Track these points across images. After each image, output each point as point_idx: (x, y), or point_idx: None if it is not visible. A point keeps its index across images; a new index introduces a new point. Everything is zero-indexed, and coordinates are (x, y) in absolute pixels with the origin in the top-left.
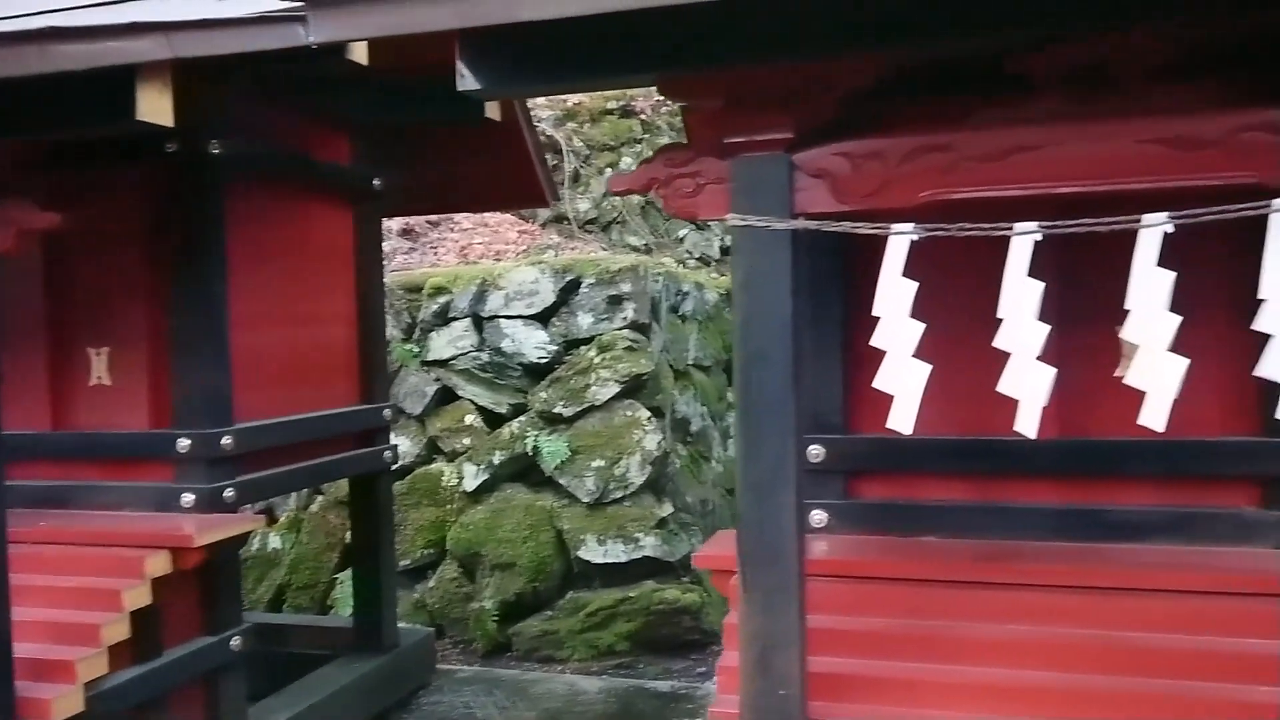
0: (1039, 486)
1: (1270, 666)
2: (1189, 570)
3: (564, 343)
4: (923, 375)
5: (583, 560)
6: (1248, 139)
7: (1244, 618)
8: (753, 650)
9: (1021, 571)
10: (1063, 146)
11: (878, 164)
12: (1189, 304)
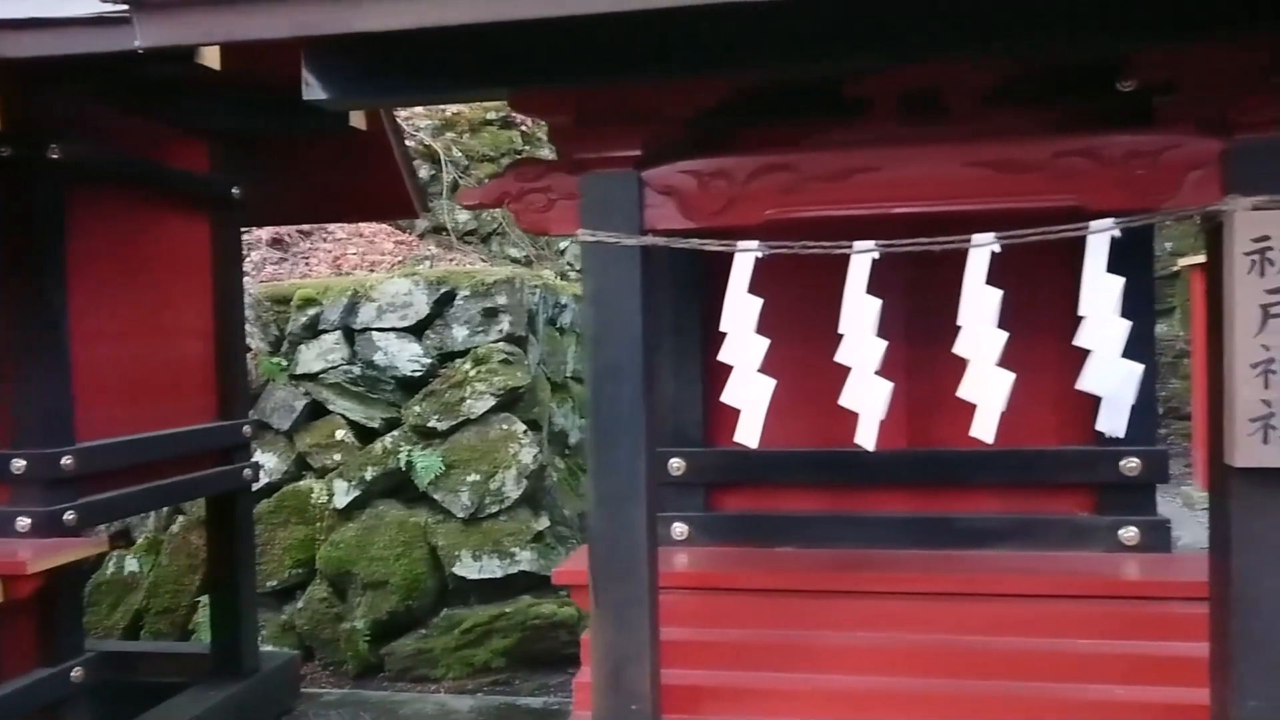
0: (891, 496)
1: (1108, 665)
2: (1030, 575)
3: (438, 356)
4: (768, 390)
5: (458, 576)
6: (1068, 163)
7: (1082, 619)
8: (605, 665)
9: (874, 580)
10: (897, 168)
11: (724, 182)
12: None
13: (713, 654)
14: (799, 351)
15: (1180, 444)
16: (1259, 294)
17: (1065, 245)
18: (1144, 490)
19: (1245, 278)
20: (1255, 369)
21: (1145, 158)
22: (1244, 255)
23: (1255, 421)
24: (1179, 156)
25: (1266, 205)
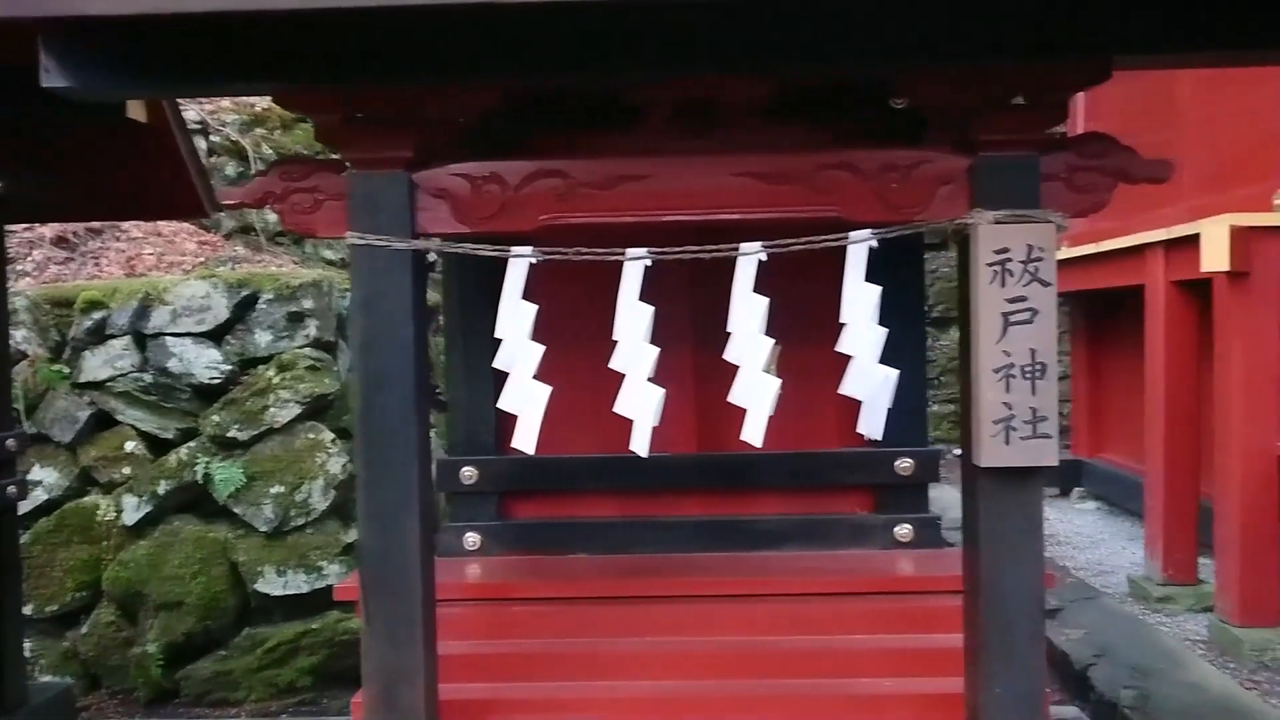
0: (682, 501)
1: (881, 659)
2: (813, 574)
3: (239, 362)
4: (543, 396)
5: (261, 594)
6: (829, 176)
7: (859, 615)
8: (377, 684)
9: (665, 584)
10: (669, 177)
11: (497, 187)
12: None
13: (501, 666)
14: (592, 357)
15: None
16: (1000, 303)
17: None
18: (917, 489)
19: (988, 287)
20: (998, 374)
21: (899, 172)
22: (987, 266)
23: (998, 424)
24: (930, 172)
25: (1007, 219)
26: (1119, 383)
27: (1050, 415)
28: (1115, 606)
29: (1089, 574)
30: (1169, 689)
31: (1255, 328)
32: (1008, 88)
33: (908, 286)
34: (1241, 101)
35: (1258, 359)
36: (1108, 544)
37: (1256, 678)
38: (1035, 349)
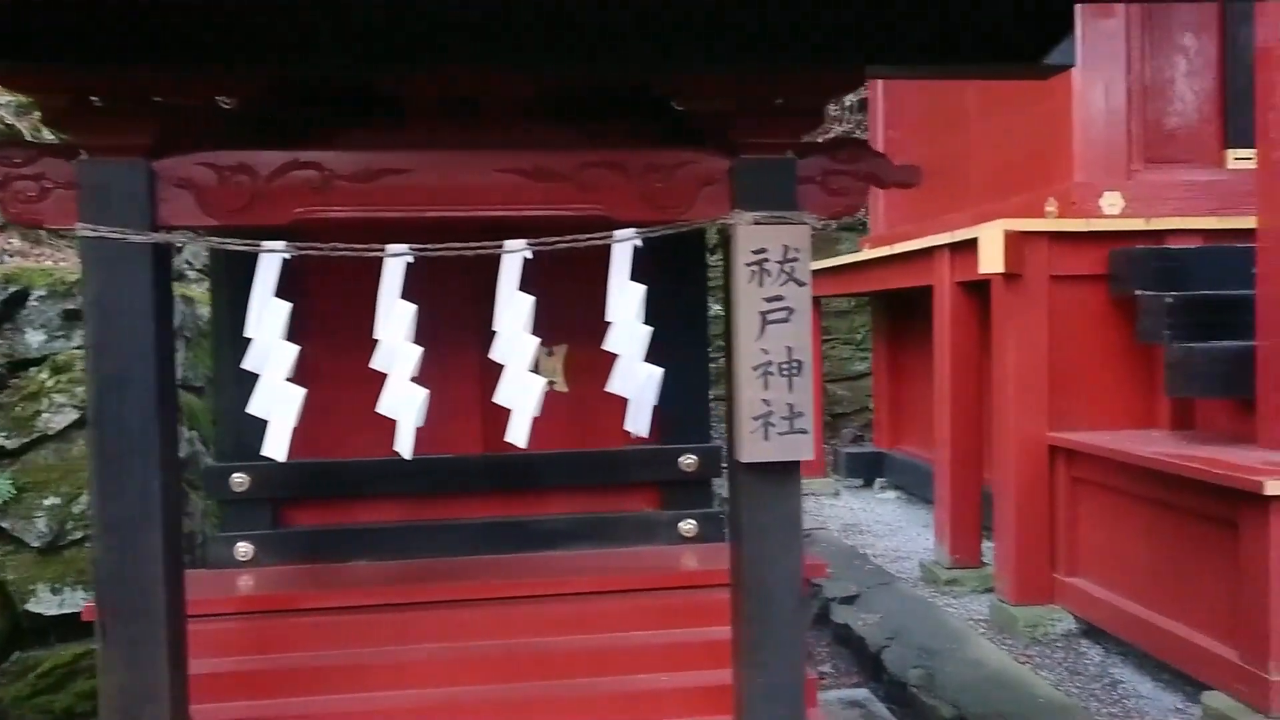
0: (469, 503)
1: (676, 653)
2: (601, 572)
3: (7, 364)
4: (297, 400)
5: (33, 614)
6: (594, 175)
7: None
8: (115, 709)
9: (449, 589)
10: (432, 172)
11: (247, 178)
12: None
13: (269, 682)
14: (369, 358)
15: None
16: (759, 302)
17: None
18: (701, 485)
19: (747, 287)
20: (756, 371)
21: (663, 172)
22: (745, 266)
23: (757, 420)
24: (693, 173)
25: (765, 220)
26: (915, 378)
27: (806, 411)
28: (909, 590)
29: (887, 560)
30: (952, 667)
31: (1027, 325)
32: (766, 92)
33: (690, 285)
34: (1019, 114)
35: (1030, 355)
36: (905, 531)
37: (1029, 652)
38: (792, 347)
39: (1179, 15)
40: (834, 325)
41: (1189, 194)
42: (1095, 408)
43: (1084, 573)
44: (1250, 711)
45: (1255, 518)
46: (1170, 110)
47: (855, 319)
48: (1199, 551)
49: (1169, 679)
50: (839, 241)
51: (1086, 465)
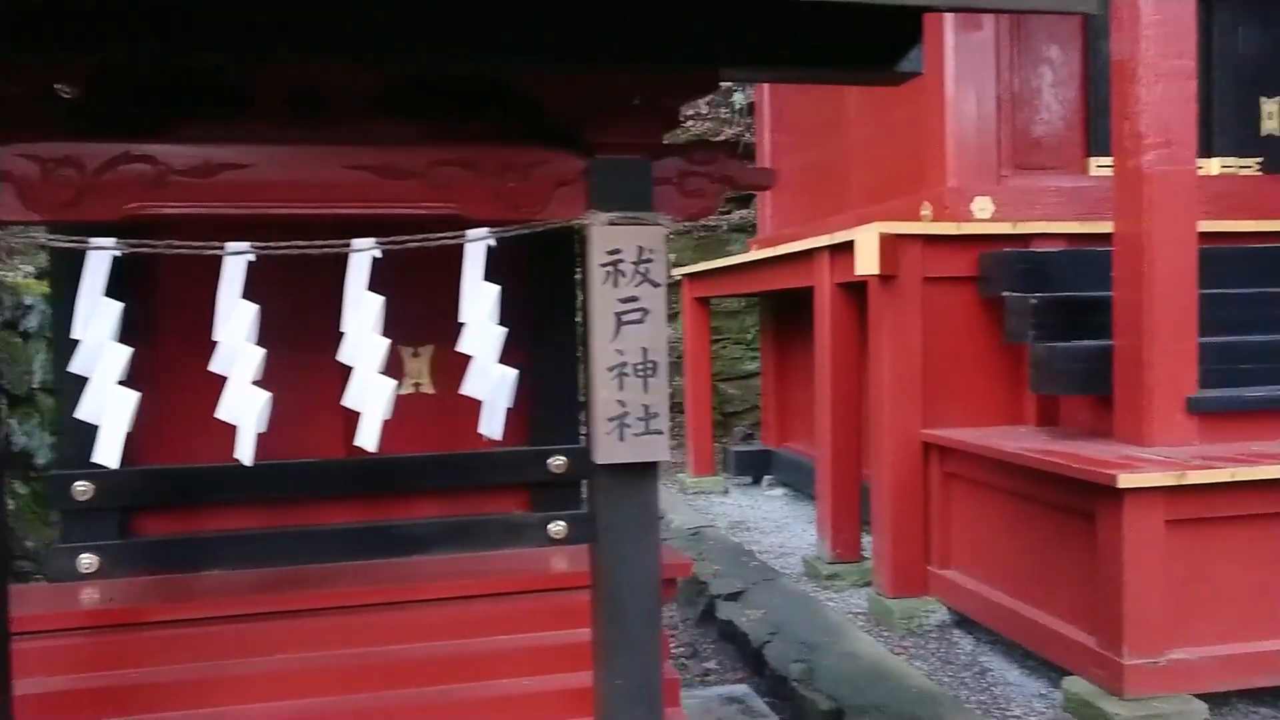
0: (331, 508)
1: (552, 656)
2: (467, 577)
3: None
4: (130, 404)
5: None
6: (446, 173)
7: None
8: None
9: (309, 597)
10: (276, 168)
11: (73, 171)
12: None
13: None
14: None
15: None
16: (613, 303)
17: (494, 254)
18: (570, 486)
19: (602, 288)
20: (612, 372)
21: (518, 171)
22: (600, 267)
23: (612, 421)
24: (548, 172)
25: (620, 221)
26: (800, 377)
27: (661, 412)
28: (792, 586)
29: (772, 556)
30: (831, 660)
31: (902, 325)
32: (621, 93)
33: (558, 283)
34: (896, 120)
35: (904, 354)
36: (791, 527)
37: (905, 643)
38: (647, 348)
39: (1045, 28)
40: (725, 325)
41: (1054, 199)
42: (967, 405)
43: (956, 565)
44: (1106, 695)
45: (1110, 510)
46: (1037, 119)
47: (746, 319)
48: (1060, 543)
49: (1034, 666)
50: (730, 242)
51: (958, 461)
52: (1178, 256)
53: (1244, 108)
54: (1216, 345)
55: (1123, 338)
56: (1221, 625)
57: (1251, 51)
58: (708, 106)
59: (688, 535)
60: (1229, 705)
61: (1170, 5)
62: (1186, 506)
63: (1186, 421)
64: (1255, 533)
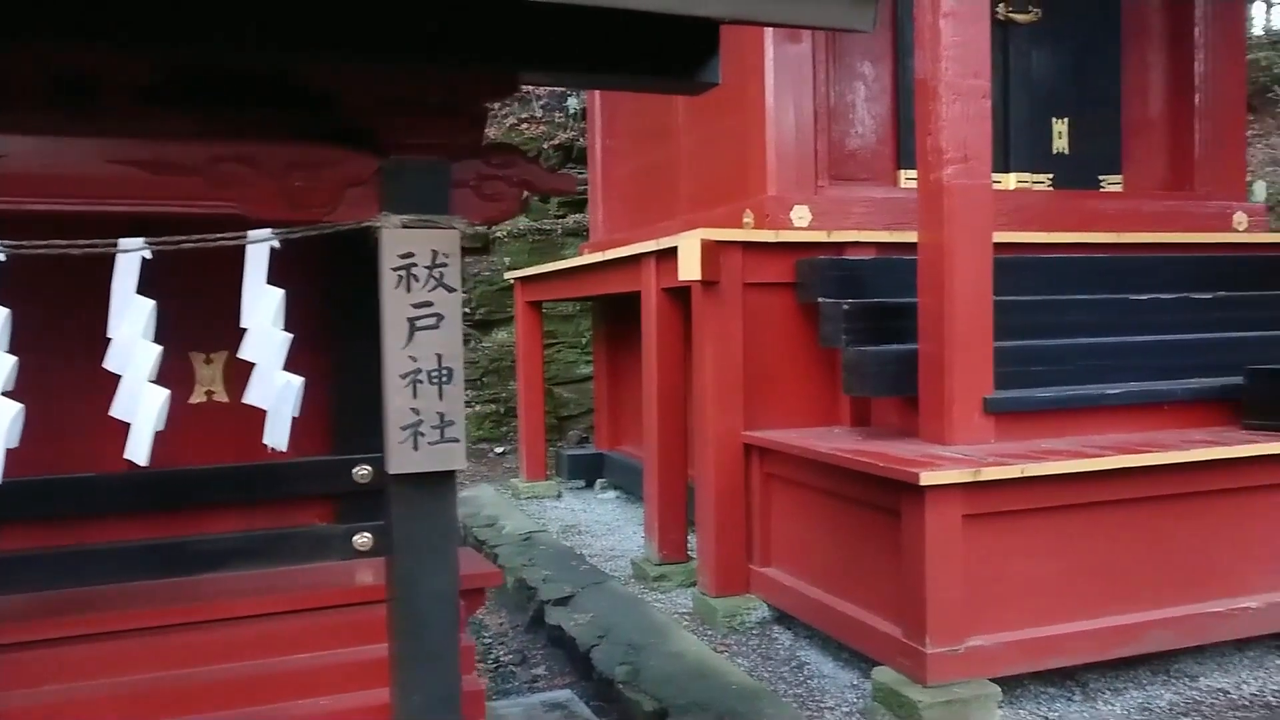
0: (118, 525)
1: (360, 672)
2: (271, 593)
3: None
4: None
5: None
6: (228, 170)
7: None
8: None
9: (89, 621)
10: (32, 160)
11: None
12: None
13: None
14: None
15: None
16: (406, 308)
17: (293, 255)
18: (377, 496)
19: (394, 292)
20: (405, 379)
21: (306, 170)
22: (392, 271)
23: (406, 429)
24: (339, 172)
25: (413, 224)
26: (632, 381)
27: (457, 420)
28: (620, 589)
29: (602, 560)
30: (655, 660)
31: (724, 330)
32: (416, 91)
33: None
34: (721, 129)
35: (726, 358)
36: (623, 530)
37: (728, 641)
38: (442, 354)
39: (859, 45)
40: (560, 329)
41: (867, 209)
42: (787, 407)
43: (776, 563)
44: (911, 683)
45: (913, 506)
46: (852, 132)
47: (581, 323)
48: (870, 539)
49: (848, 658)
50: (565, 246)
51: (777, 462)
52: (975, 265)
53: (1037, 127)
54: (1011, 349)
55: (926, 342)
56: (1015, 612)
57: (1043, 75)
58: (542, 110)
59: (520, 541)
60: (1022, 687)
61: (967, 28)
62: (982, 502)
63: (984, 421)
64: (1044, 524)
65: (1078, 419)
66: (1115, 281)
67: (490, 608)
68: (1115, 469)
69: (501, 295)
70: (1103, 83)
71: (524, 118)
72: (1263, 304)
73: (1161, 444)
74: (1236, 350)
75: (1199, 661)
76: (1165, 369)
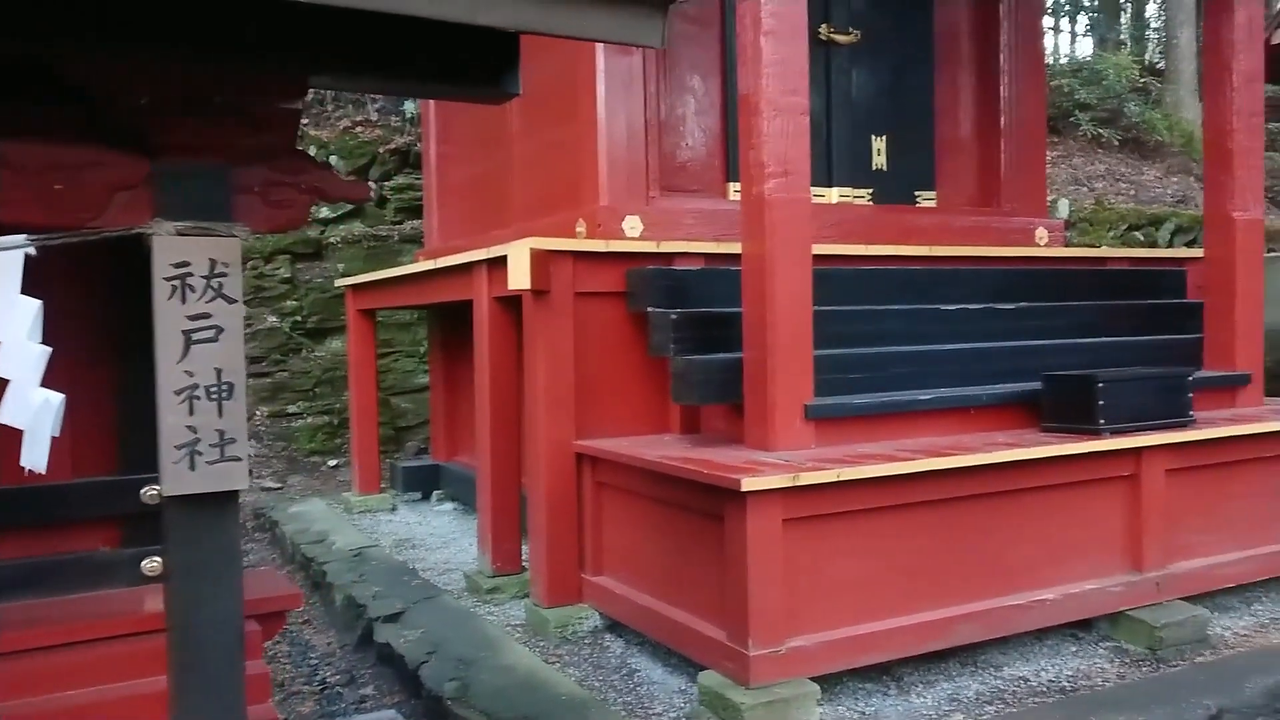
0: None
1: (148, 705)
2: (49, 624)
3: None
4: None
5: None
6: None
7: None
8: None
9: None
10: None
11: None
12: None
13: None
14: None
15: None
16: (182, 320)
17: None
18: None
19: (168, 303)
20: (180, 395)
21: (65, 172)
22: (165, 280)
23: (182, 449)
24: (105, 175)
25: (189, 231)
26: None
27: (239, 437)
28: (453, 603)
29: (436, 574)
30: (486, 675)
31: (555, 339)
32: (194, 90)
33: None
34: (555, 138)
35: (557, 366)
36: (459, 542)
37: (559, 652)
38: (221, 369)
39: (688, 59)
40: (398, 337)
41: (697, 220)
42: (619, 415)
43: (608, 571)
44: (735, 685)
45: (735, 511)
46: (683, 144)
47: (419, 331)
48: (696, 545)
49: (677, 664)
50: (402, 253)
51: (607, 470)
52: (795, 276)
53: (858, 144)
54: (831, 357)
55: (750, 350)
56: (834, 612)
57: (863, 94)
58: (378, 114)
59: (350, 556)
60: (841, 684)
61: (786, 46)
62: (801, 505)
63: (805, 427)
64: (860, 526)
65: (893, 423)
66: (928, 292)
67: (318, 627)
68: (924, 471)
69: (335, 303)
70: (918, 103)
71: (359, 120)
72: (1060, 313)
73: (968, 446)
74: (1036, 357)
75: (1003, 652)
76: (973, 375)
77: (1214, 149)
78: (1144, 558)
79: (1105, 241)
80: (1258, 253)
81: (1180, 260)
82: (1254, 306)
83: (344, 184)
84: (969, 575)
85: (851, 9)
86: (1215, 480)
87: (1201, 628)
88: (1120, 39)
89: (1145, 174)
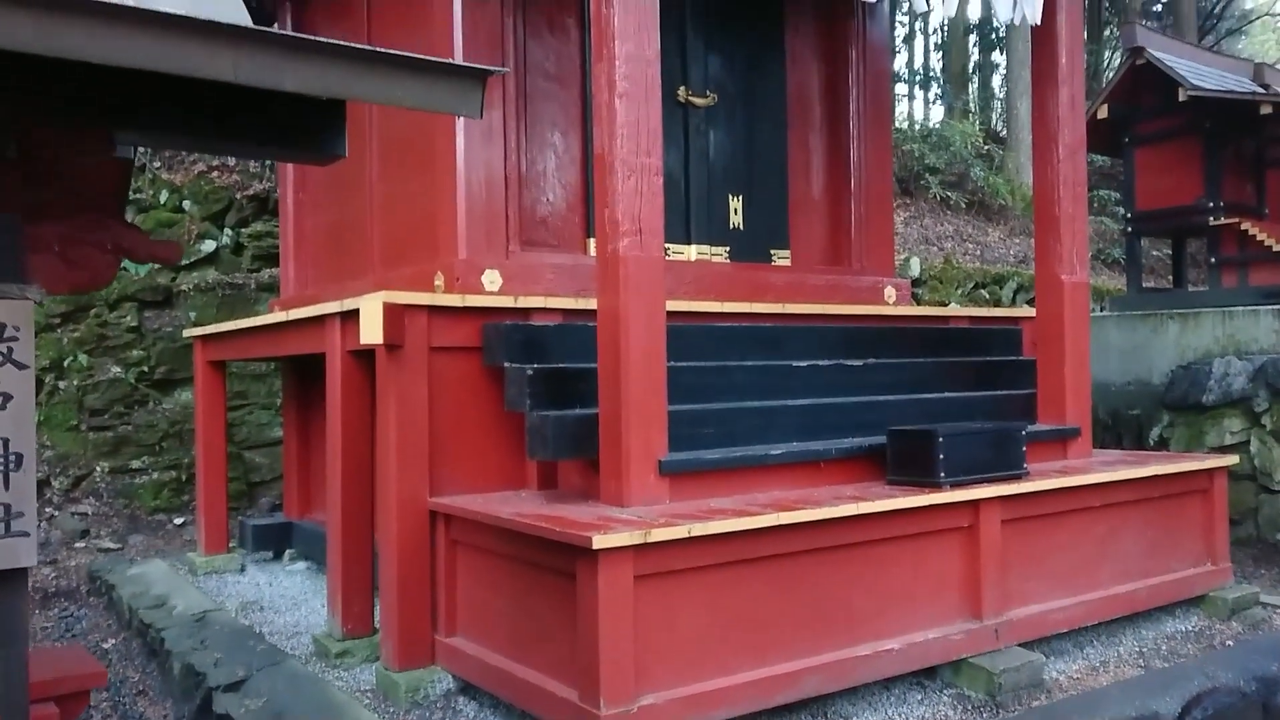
0: None
1: None
2: None
3: None
4: None
5: None
6: None
7: None
8: None
9: None
10: None
11: None
12: None
13: None
14: None
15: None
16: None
17: None
18: None
19: None
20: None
21: None
22: None
23: None
24: None
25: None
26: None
27: (28, 511)
28: (299, 668)
29: (284, 637)
30: None
31: (408, 394)
32: None
33: None
34: (413, 189)
35: (411, 422)
36: (309, 604)
37: (409, 717)
38: (9, 439)
39: (549, 115)
40: (252, 389)
41: (556, 275)
42: (475, 471)
43: (461, 632)
44: None
45: (587, 569)
46: (543, 199)
47: (274, 382)
48: (549, 603)
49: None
50: (258, 302)
51: (461, 528)
52: (648, 332)
53: (716, 202)
54: (685, 412)
55: (605, 405)
56: (685, 668)
57: (720, 154)
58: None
59: (191, 621)
60: None
61: (640, 108)
62: (652, 562)
63: (659, 482)
64: (712, 581)
65: (745, 478)
66: (781, 348)
67: (153, 698)
68: (772, 526)
69: (185, 352)
70: (773, 164)
71: (215, 165)
72: (905, 369)
73: (816, 500)
74: (882, 411)
75: (852, 702)
76: (823, 429)
77: (1043, 215)
78: (982, 606)
79: (953, 298)
80: (1084, 312)
81: (1016, 319)
82: (1081, 363)
83: (152, 244)
84: (817, 627)
85: (708, 72)
86: (1047, 529)
87: (1038, 672)
88: (967, 107)
89: (990, 235)
